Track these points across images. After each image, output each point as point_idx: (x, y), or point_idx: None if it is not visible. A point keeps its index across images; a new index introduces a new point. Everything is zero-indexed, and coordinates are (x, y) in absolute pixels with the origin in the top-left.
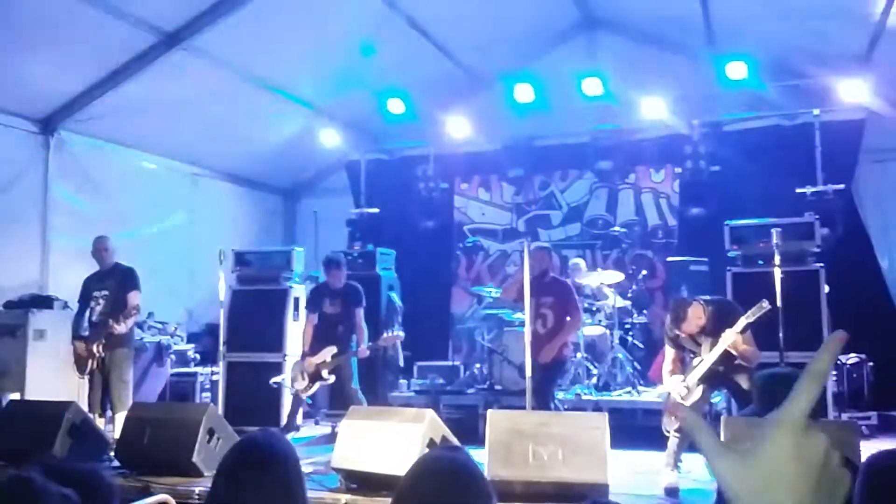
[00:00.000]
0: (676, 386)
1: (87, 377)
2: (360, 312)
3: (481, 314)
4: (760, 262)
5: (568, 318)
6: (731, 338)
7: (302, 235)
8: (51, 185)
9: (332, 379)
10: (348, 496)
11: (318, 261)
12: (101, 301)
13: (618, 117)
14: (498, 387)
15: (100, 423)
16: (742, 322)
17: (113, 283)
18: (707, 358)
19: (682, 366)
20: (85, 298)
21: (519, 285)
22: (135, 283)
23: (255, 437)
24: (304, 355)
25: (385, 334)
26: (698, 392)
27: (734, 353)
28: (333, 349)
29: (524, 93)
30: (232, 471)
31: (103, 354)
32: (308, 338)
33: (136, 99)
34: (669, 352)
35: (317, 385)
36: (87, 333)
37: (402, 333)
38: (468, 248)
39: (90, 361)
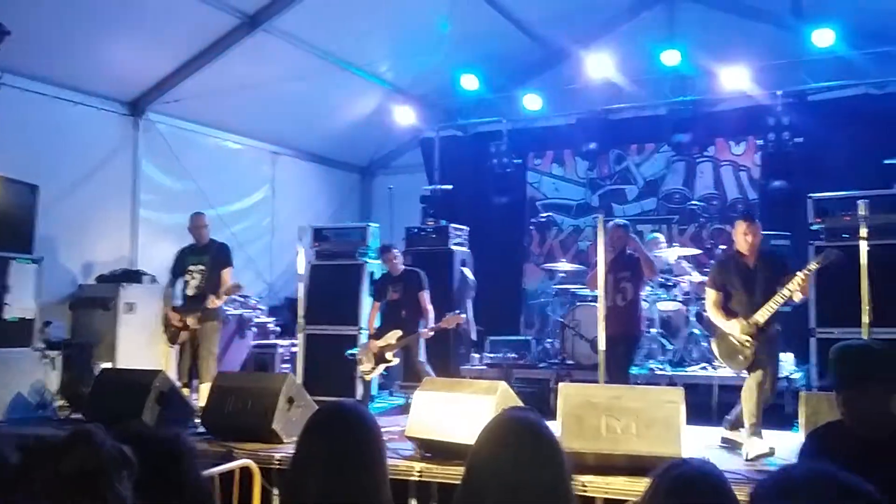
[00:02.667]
0: (741, 326)
1: (177, 346)
2: (424, 295)
3: (553, 289)
4: (845, 235)
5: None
6: (799, 283)
7: (378, 212)
8: (140, 164)
9: (396, 361)
10: (423, 464)
11: (393, 236)
12: (197, 275)
13: (696, 88)
14: (570, 361)
15: (185, 391)
16: (813, 266)
17: (208, 258)
18: (776, 299)
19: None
20: (179, 270)
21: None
22: (229, 260)
23: (340, 404)
24: (368, 338)
25: (447, 316)
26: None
27: (796, 295)
28: (398, 332)
29: (599, 65)
30: (317, 432)
31: (199, 326)
32: (372, 321)
33: (219, 81)
34: (709, 296)
35: (381, 367)
36: (180, 304)
37: (463, 315)
38: (541, 223)
39: (182, 332)
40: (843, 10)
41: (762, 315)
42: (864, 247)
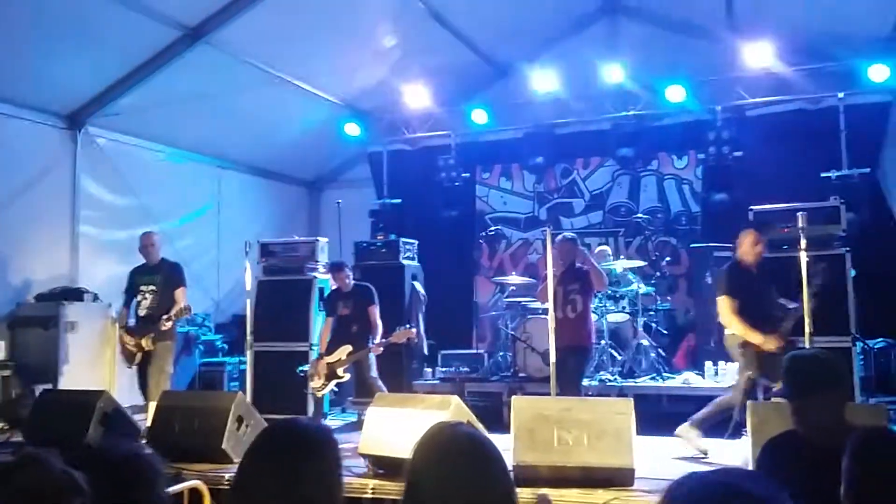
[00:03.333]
0: (774, 341)
1: (135, 367)
2: (374, 310)
3: (504, 302)
4: (785, 246)
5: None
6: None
7: (326, 226)
8: (79, 179)
9: (347, 377)
10: (376, 481)
11: (342, 251)
12: (148, 295)
13: (639, 104)
14: (522, 374)
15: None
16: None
17: (160, 277)
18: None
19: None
20: (131, 291)
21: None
22: (181, 280)
23: (294, 421)
24: (319, 355)
25: (397, 331)
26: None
27: None
28: (348, 348)
29: (545, 80)
30: (265, 455)
31: (153, 347)
32: (324, 339)
33: (161, 94)
34: (727, 303)
35: (332, 383)
36: (133, 325)
37: (413, 330)
38: (490, 237)
39: (138, 354)
40: (776, 27)
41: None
42: (803, 257)
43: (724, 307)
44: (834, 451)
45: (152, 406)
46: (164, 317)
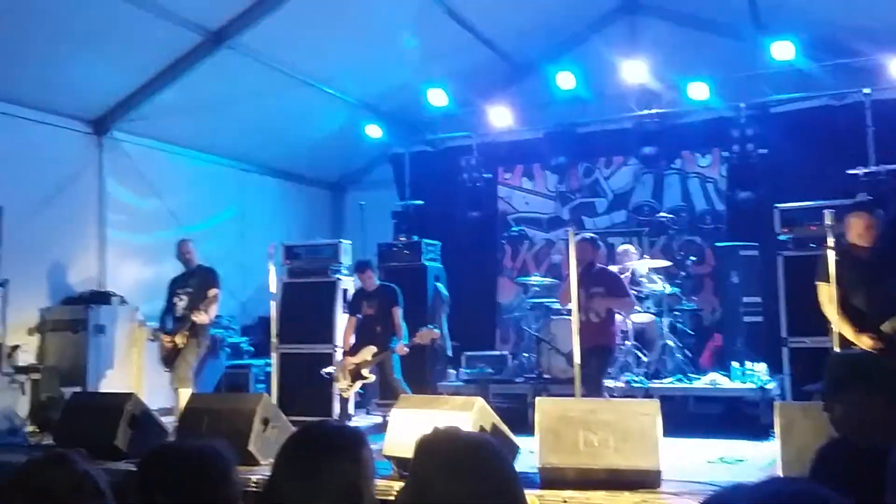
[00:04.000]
0: (867, 339)
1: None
2: (398, 311)
3: (528, 303)
4: (812, 244)
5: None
6: None
7: (349, 228)
8: (105, 183)
9: (372, 378)
10: (401, 483)
11: (365, 252)
12: (184, 297)
13: (661, 102)
14: (546, 376)
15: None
16: None
17: (195, 281)
18: None
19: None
20: (170, 297)
21: (569, 288)
22: (216, 282)
23: (326, 424)
24: (343, 355)
25: (420, 331)
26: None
27: None
28: (373, 349)
29: (565, 80)
30: (296, 457)
31: (185, 343)
32: (347, 339)
33: (184, 98)
34: (822, 290)
35: (358, 384)
36: (170, 327)
37: (437, 331)
38: (513, 237)
39: (174, 353)
40: (801, 23)
41: (887, 326)
42: (831, 256)
43: (821, 294)
44: (878, 451)
45: (183, 393)
46: (196, 310)
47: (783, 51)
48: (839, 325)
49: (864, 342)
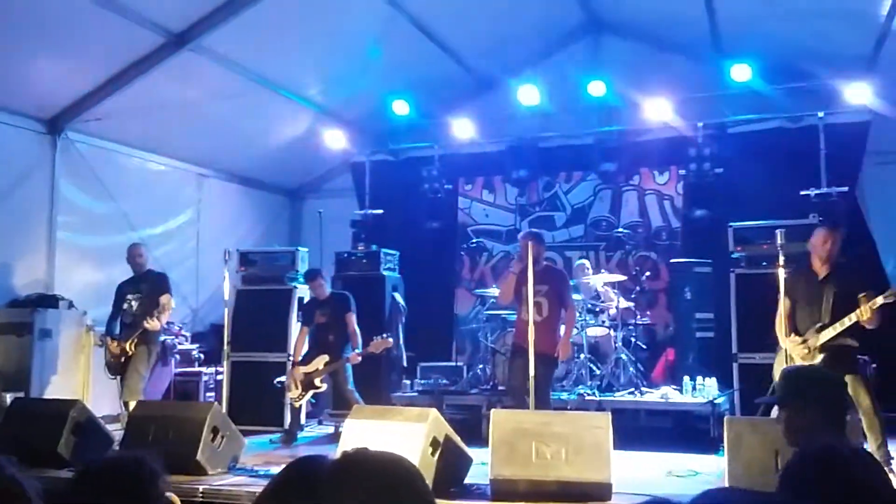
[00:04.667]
0: (796, 348)
1: (118, 378)
2: (351, 318)
3: (484, 315)
4: (764, 263)
5: (564, 310)
6: (865, 314)
7: (307, 236)
8: (58, 184)
9: (324, 387)
10: None
11: (323, 261)
12: (134, 303)
13: (622, 119)
14: (501, 387)
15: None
16: (880, 301)
17: (146, 287)
18: (836, 326)
19: (793, 322)
20: (118, 302)
21: (513, 283)
22: (166, 287)
23: (312, 460)
24: (294, 365)
25: (374, 340)
26: (819, 358)
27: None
28: (325, 358)
29: (528, 94)
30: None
31: (134, 350)
32: (299, 348)
33: (143, 99)
34: (782, 305)
35: (310, 393)
36: (119, 333)
37: (391, 340)
38: (472, 249)
39: (122, 360)
40: (758, 46)
41: (824, 336)
42: (781, 274)
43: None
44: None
45: (130, 405)
46: (149, 317)
47: (741, 73)
48: (781, 339)
49: (788, 345)
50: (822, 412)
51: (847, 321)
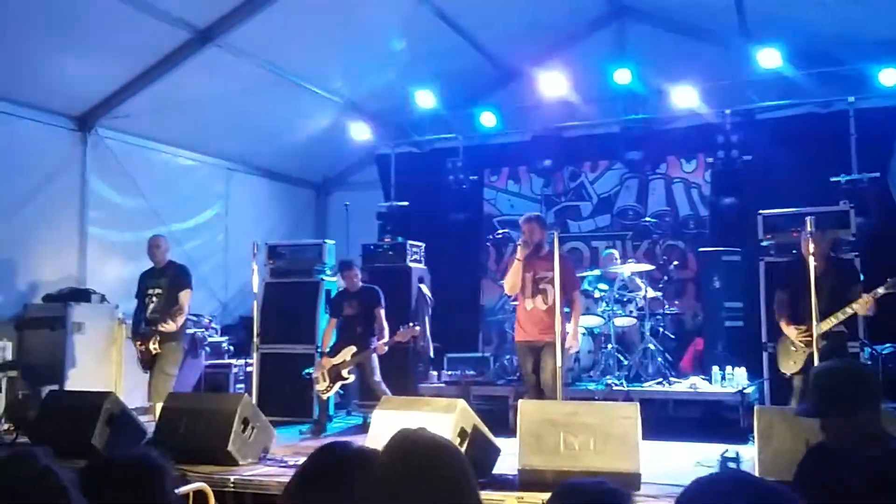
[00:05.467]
0: (799, 336)
1: (149, 373)
2: (380, 312)
3: (511, 306)
4: (794, 251)
5: (573, 301)
6: (865, 304)
7: (333, 229)
8: (88, 180)
9: (352, 378)
10: None
11: (349, 253)
12: (155, 299)
13: (648, 107)
14: None
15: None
16: (881, 291)
17: (165, 280)
18: (838, 315)
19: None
20: (140, 295)
21: (519, 270)
22: (186, 282)
23: (341, 447)
24: (322, 356)
25: (400, 330)
26: (820, 345)
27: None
28: (353, 349)
29: (553, 84)
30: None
31: (159, 350)
32: (327, 339)
33: (170, 95)
34: (780, 296)
35: (338, 385)
36: (143, 330)
37: (418, 328)
38: (497, 240)
39: (153, 356)
40: (787, 31)
41: (826, 324)
42: (811, 262)
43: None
44: (866, 459)
45: (157, 407)
46: (163, 319)
47: (769, 58)
48: (783, 327)
49: (791, 333)
50: (871, 411)
51: (849, 310)
